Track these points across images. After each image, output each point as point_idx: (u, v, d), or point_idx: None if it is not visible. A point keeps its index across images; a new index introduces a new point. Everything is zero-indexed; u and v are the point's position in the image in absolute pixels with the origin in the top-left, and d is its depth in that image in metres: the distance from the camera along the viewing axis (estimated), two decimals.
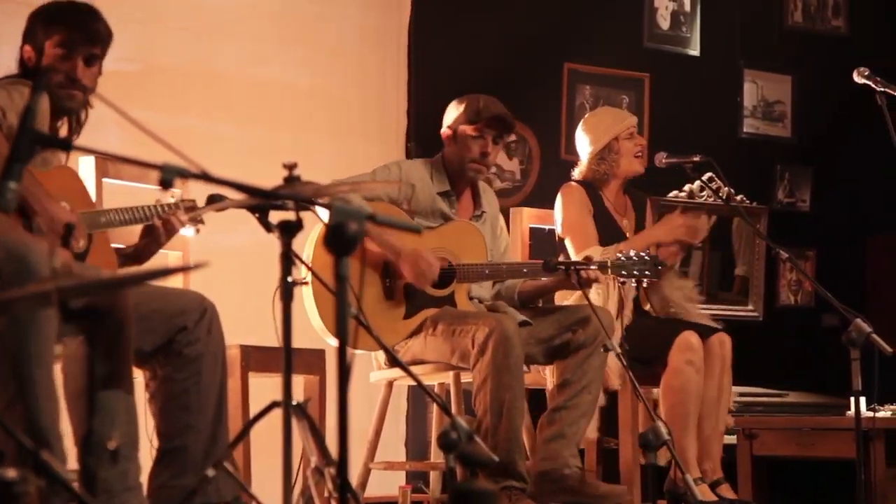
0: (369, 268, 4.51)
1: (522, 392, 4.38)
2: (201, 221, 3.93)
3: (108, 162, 4.23)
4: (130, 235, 3.99)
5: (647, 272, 4.60)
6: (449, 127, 4.70)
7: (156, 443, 3.75)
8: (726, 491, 4.79)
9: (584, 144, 5.14)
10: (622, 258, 4.60)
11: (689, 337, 4.79)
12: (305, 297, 4.45)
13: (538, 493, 4.42)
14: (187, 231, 3.96)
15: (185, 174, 2.64)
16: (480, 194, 4.77)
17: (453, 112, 4.71)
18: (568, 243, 5.00)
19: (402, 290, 4.55)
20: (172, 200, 3.88)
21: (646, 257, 4.61)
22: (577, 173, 5.16)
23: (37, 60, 3.79)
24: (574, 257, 4.92)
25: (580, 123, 5.23)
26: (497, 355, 4.29)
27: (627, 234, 5.15)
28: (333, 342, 4.47)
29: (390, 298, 4.55)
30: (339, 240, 2.55)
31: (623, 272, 4.59)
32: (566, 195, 5.07)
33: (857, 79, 4.61)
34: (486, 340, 4.31)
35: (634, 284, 4.65)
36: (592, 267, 4.50)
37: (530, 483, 4.44)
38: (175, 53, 5.69)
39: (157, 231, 3.85)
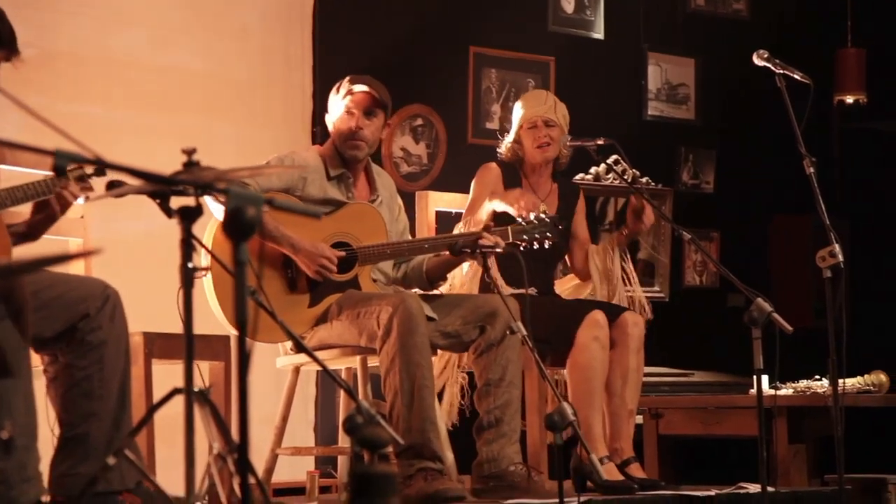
0: (270, 261, 4.48)
1: (431, 370, 4.37)
2: (90, 188, 3.84)
3: (3, 149, 4.15)
4: (21, 215, 3.91)
5: (547, 234, 4.63)
6: (329, 113, 4.71)
7: (57, 430, 3.71)
8: (636, 470, 4.82)
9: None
10: (522, 223, 4.62)
11: (597, 315, 4.82)
12: (206, 289, 4.40)
13: (483, 490, 4.41)
14: (78, 200, 3.88)
15: (78, 160, 2.62)
16: (375, 178, 4.77)
17: (331, 98, 4.72)
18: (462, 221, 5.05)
19: (305, 280, 4.53)
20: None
21: (545, 219, 4.64)
22: (500, 151, 5.21)
23: None
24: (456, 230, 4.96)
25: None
26: (403, 334, 4.27)
27: None
28: (234, 332, 4.44)
29: (293, 289, 4.52)
30: (237, 225, 2.54)
31: (524, 237, 4.61)
32: (479, 174, 5.13)
33: (756, 61, 4.66)
34: (391, 320, 4.29)
35: (537, 247, 4.66)
36: (499, 250, 4.51)
37: (474, 482, 4.45)
38: (73, 38, 5.61)
39: (50, 206, 3.78)
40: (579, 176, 6.75)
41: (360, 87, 4.64)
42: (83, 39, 5.64)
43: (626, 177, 5.98)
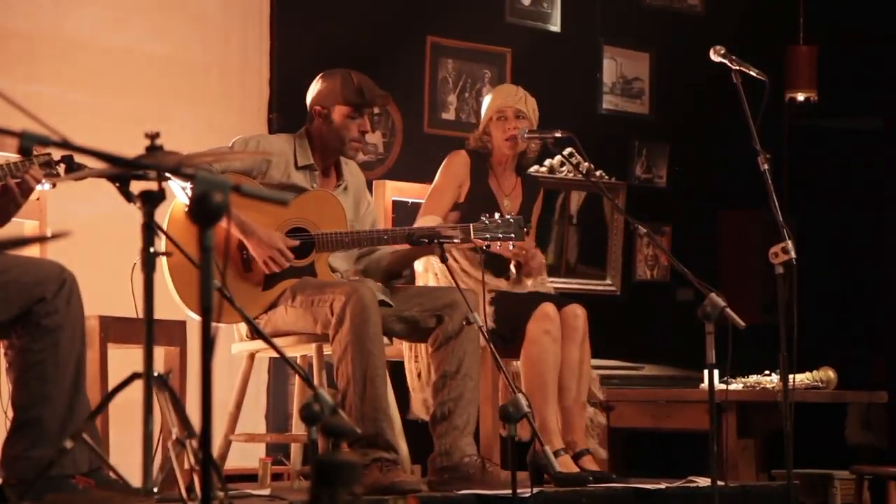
0: (224, 240, 4.44)
1: (384, 359, 4.36)
2: (57, 175, 3.81)
3: None
4: None
5: (512, 234, 4.60)
6: (322, 105, 4.62)
7: (10, 413, 3.69)
8: (589, 462, 4.84)
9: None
10: (486, 221, 4.59)
11: (546, 307, 4.84)
12: (164, 273, 4.38)
13: (439, 483, 4.40)
14: (43, 186, 3.84)
15: (45, 142, 2.59)
16: (342, 166, 4.75)
17: (325, 88, 4.61)
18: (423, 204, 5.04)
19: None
20: (17, 158, 3.74)
21: (510, 219, 4.59)
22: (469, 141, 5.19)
23: None
24: (417, 219, 4.95)
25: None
26: (356, 323, 4.26)
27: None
28: (193, 316, 4.42)
29: (247, 271, 4.50)
30: (203, 210, 2.53)
31: (487, 236, 4.58)
32: (447, 162, 5.10)
33: (713, 57, 4.68)
34: (344, 309, 4.28)
35: (499, 247, 4.63)
36: (456, 240, 4.51)
37: (429, 475, 4.45)
38: (29, 17, 5.56)
39: (11, 191, 3.73)
40: (533, 168, 6.77)
41: (378, 94, 4.58)
42: (39, 19, 5.59)
43: (580, 169, 6.01)
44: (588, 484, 4.58)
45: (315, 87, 4.66)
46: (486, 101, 5.18)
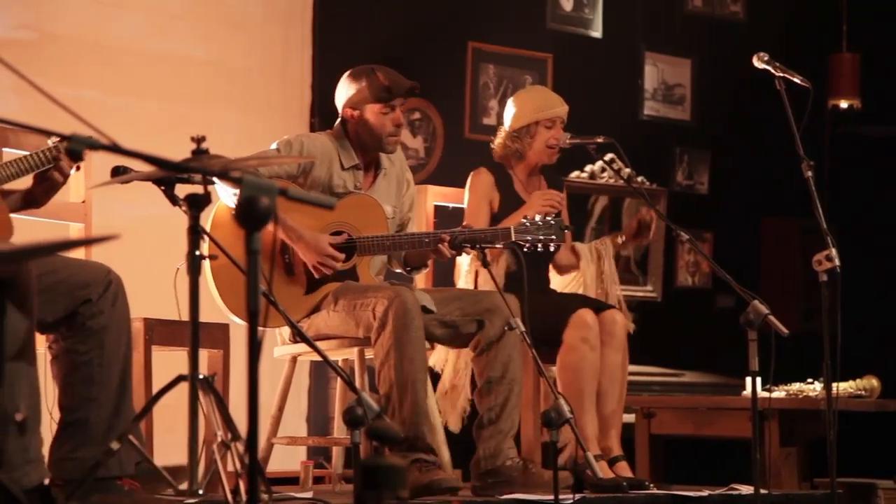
0: (268, 244, 4.45)
1: (425, 364, 4.37)
2: (81, 159, 3.80)
3: (8, 131, 4.13)
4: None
5: (552, 236, 4.56)
6: (352, 107, 4.61)
7: (57, 415, 3.71)
8: (623, 469, 4.82)
9: (507, 118, 5.12)
10: (526, 223, 4.56)
11: (584, 314, 4.81)
12: (207, 276, 4.38)
13: (483, 487, 4.41)
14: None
15: (94, 145, 2.61)
16: (379, 158, 4.73)
17: (352, 90, 4.59)
18: None
19: (302, 266, 4.52)
20: (51, 144, 3.75)
21: (550, 221, 4.55)
22: (494, 145, 5.14)
23: None
24: None
25: (513, 96, 5.23)
26: (398, 327, 4.27)
27: None
28: (236, 320, 4.43)
29: (290, 274, 4.51)
30: (250, 214, 2.53)
31: (528, 237, 4.54)
32: (472, 181, 5.05)
33: (757, 64, 4.66)
34: (386, 313, 4.29)
35: (541, 249, 4.60)
36: (499, 245, 4.50)
37: (472, 480, 4.46)
38: (72, 23, 5.60)
39: (52, 176, 3.73)
40: (574, 174, 6.76)
41: (405, 86, 4.55)
42: (83, 24, 5.63)
43: (622, 175, 5.99)
44: (626, 490, 4.56)
45: (343, 90, 4.64)
46: (519, 102, 5.09)
